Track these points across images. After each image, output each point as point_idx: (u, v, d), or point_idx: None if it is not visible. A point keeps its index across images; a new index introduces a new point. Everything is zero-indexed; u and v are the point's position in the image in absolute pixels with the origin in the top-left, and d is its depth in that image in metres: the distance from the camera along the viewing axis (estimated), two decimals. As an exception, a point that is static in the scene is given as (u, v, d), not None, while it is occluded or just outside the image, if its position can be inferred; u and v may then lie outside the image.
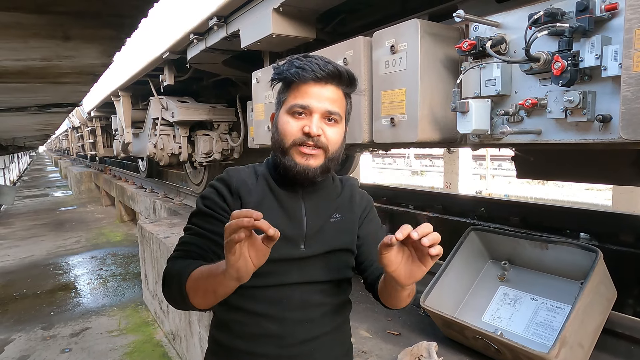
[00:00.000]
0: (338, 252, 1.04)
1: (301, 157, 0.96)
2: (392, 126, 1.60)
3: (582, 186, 10.84)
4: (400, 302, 0.99)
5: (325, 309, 1.04)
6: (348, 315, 1.13)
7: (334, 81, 0.97)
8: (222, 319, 1.06)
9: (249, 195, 1.00)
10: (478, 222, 3.65)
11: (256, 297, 0.99)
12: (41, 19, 1.37)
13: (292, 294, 1.00)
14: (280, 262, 0.97)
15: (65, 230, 8.50)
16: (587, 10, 1.08)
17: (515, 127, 1.31)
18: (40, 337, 3.89)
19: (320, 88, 0.96)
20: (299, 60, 0.97)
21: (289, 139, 0.96)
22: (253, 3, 2.27)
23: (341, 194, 1.09)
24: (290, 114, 0.97)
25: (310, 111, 0.96)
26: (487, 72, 1.35)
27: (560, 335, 1.28)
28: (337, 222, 1.05)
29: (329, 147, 0.97)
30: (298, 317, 1.00)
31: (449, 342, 1.68)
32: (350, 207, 1.09)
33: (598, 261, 1.43)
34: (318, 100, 0.96)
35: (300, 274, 1.00)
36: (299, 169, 0.96)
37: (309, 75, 0.95)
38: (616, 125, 1.06)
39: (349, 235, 1.06)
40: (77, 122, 10.61)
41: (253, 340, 1.01)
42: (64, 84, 2.66)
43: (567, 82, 1.10)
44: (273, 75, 1.02)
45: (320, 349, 1.03)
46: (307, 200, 1.03)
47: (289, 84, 0.99)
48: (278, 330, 0.99)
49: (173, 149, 4.82)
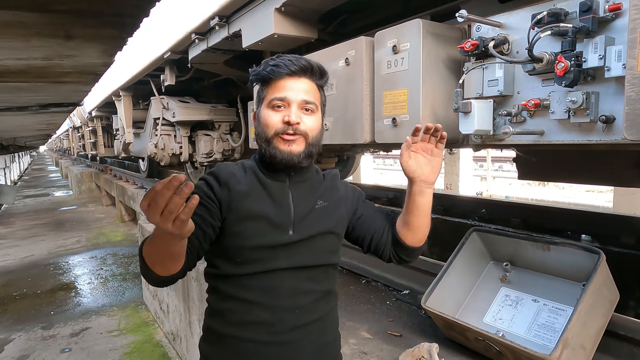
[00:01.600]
0: (324, 235, 1.10)
1: (284, 144, 1.04)
2: (394, 126, 1.59)
3: (582, 188, 10.82)
4: (425, 223, 1.14)
5: (314, 296, 1.09)
6: (335, 305, 1.19)
7: (307, 74, 1.06)
8: (215, 308, 1.11)
9: (237, 185, 1.06)
10: (479, 224, 3.64)
11: (248, 285, 1.05)
12: (43, 17, 1.37)
13: (282, 282, 1.05)
14: (271, 248, 1.03)
15: (66, 230, 8.49)
16: (590, 10, 1.07)
17: (517, 127, 1.30)
18: (40, 337, 3.89)
19: (295, 81, 1.05)
20: (273, 60, 1.07)
21: (271, 130, 1.04)
22: (255, 3, 2.27)
23: (324, 182, 1.16)
24: (270, 108, 1.05)
25: (288, 102, 1.04)
26: (489, 72, 1.35)
27: (562, 337, 1.27)
28: (322, 207, 1.11)
29: (308, 134, 1.05)
30: (288, 304, 1.05)
31: (450, 344, 1.67)
32: (334, 194, 1.16)
33: (601, 263, 1.42)
34: (294, 92, 1.04)
35: (288, 260, 1.05)
36: (284, 155, 1.03)
37: (284, 70, 1.04)
38: (620, 126, 1.05)
39: (333, 220, 1.13)
40: (78, 122, 10.63)
41: (244, 327, 1.05)
42: (66, 83, 2.65)
43: (570, 83, 1.10)
44: (251, 77, 1.11)
45: (309, 335, 1.08)
46: (294, 188, 1.09)
47: (266, 81, 1.07)
48: (269, 318, 1.04)
49: (174, 149, 4.82)
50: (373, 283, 2.43)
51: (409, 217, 1.14)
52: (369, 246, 1.21)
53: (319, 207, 1.11)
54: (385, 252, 1.20)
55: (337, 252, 1.16)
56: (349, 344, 1.75)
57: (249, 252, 1.03)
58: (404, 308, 2.10)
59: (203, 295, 2.61)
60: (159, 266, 0.94)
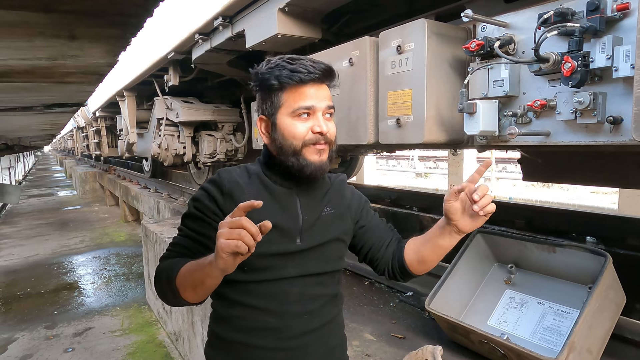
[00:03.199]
0: (332, 243, 1.08)
1: (315, 154, 1.00)
2: (398, 127, 1.58)
3: (587, 189, 10.76)
4: (438, 260, 1.11)
5: (323, 300, 1.07)
6: (341, 307, 1.17)
7: (327, 79, 1.03)
8: (222, 314, 1.09)
9: (242, 194, 1.02)
10: (483, 225, 3.62)
11: (256, 292, 1.03)
12: (47, 17, 1.37)
13: (291, 288, 1.03)
14: (278, 256, 1.01)
15: (70, 229, 8.52)
16: (598, 10, 1.06)
17: (523, 128, 1.29)
18: (44, 337, 3.90)
19: (317, 88, 1.00)
20: (288, 63, 0.99)
21: (299, 141, 0.99)
22: (258, 3, 2.27)
23: (331, 188, 1.13)
24: (295, 117, 1.00)
25: (314, 111, 1.00)
26: (495, 72, 1.34)
27: (568, 341, 1.26)
28: (329, 214, 1.09)
29: (332, 140, 1.03)
30: (297, 310, 1.03)
31: (454, 346, 1.66)
32: (340, 200, 1.13)
33: (607, 265, 1.40)
34: (318, 99, 1.00)
35: (297, 268, 1.03)
36: (316, 166, 1.00)
37: (307, 77, 0.98)
38: (627, 127, 1.04)
39: (340, 227, 1.11)
40: (82, 122, 10.66)
41: (252, 333, 1.03)
42: (70, 83, 2.66)
43: (577, 83, 1.09)
44: (258, 82, 1.02)
45: (317, 340, 1.06)
46: (302, 196, 1.06)
47: (283, 86, 0.99)
48: (277, 324, 1.02)
49: (177, 149, 4.82)
50: (376, 284, 2.42)
51: (425, 251, 1.10)
52: (365, 257, 1.19)
53: (325, 214, 1.08)
54: (381, 267, 1.18)
55: (344, 258, 1.15)
56: (352, 346, 1.74)
57: (257, 260, 0.98)
58: (407, 310, 2.09)
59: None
60: (191, 292, 0.93)
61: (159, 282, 0.99)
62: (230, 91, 4.85)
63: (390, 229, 1.21)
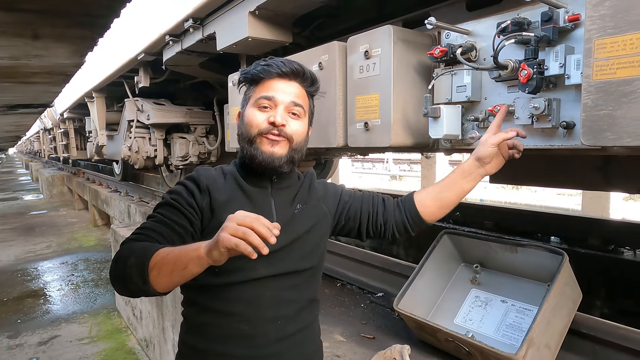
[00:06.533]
0: (305, 236, 1.08)
1: (267, 144, 1.01)
2: (366, 130, 1.61)
3: (554, 191, 11.13)
4: (458, 201, 1.21)
5: (297, 306, 1.06)
6: (317, 314, 1.17)
7: (297, 78, 1.05)
8: (193, 322, 1.06)
9: (218, 193, 1.02)
10: (453, 226, 3.70)
11: (228, 297, 1.00)
12: (8, 16, 1.34)
13: (264, 292, 1.02)
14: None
15: (36, 234, 8.22)
16: (551, 20, 1.11)
17: (484, 132, 1.33)
18: (6, 346, 3.75)
19: (285, 83, 1.03)
20: (264, 61, 1.05)
21: (254, 129, 1.02)
22: (229, 6, 2.26)
23: (301, 185, 1.15)
24: (256, 107, 1.03)
25: (275, 103, 1.02)
26: (458, 78, 1.38)
27: (527, 337, 1.30)
28: (301, 210, 1.10)
29: (293, 138, 1.03)
30: (271, 315, 1.02)
31: (422, 345, 1.69)
32: (311, 194, 1.14)
33: (564, 264, 1.46)
34: (282, 93, 1.02)
35: (269, 268, 1.02)
36: (265, 156, 1.01)
37: (274, 70, 1.02)
38: (578, 132, 1.09)
39: (312, 220, 1.11)
40: (49, 124, 10.33)
41: (225, 341, 1.01)
42: (34, 84, 2.59)
43: (533, 90, 1.14)
44: (240, 77, 1.09)
45: (293, 347, 1.05)
46: (276, 195, 1.07)
47: (255, 81, 1.05)
48: (251, 330, 1.01)
49: (148, 151, 4.73)
50: (348, 286, 2.44)
51: (449, 196, 1.19)
52: (368, 229, 1.21)
53: (297, 211, 1.09)
54: (389, 228, 1.20)
55: (318, 254, 1.13)
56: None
57: (228, 260, 0.97)
58: (377, 310, 2.11)
59: (177, 300, 2.57)
60: (165, 277, 0.85)
61: (124, 265, 0.88)
62: (203, 93, 4.80)
63: (375, 194, 1.24)
